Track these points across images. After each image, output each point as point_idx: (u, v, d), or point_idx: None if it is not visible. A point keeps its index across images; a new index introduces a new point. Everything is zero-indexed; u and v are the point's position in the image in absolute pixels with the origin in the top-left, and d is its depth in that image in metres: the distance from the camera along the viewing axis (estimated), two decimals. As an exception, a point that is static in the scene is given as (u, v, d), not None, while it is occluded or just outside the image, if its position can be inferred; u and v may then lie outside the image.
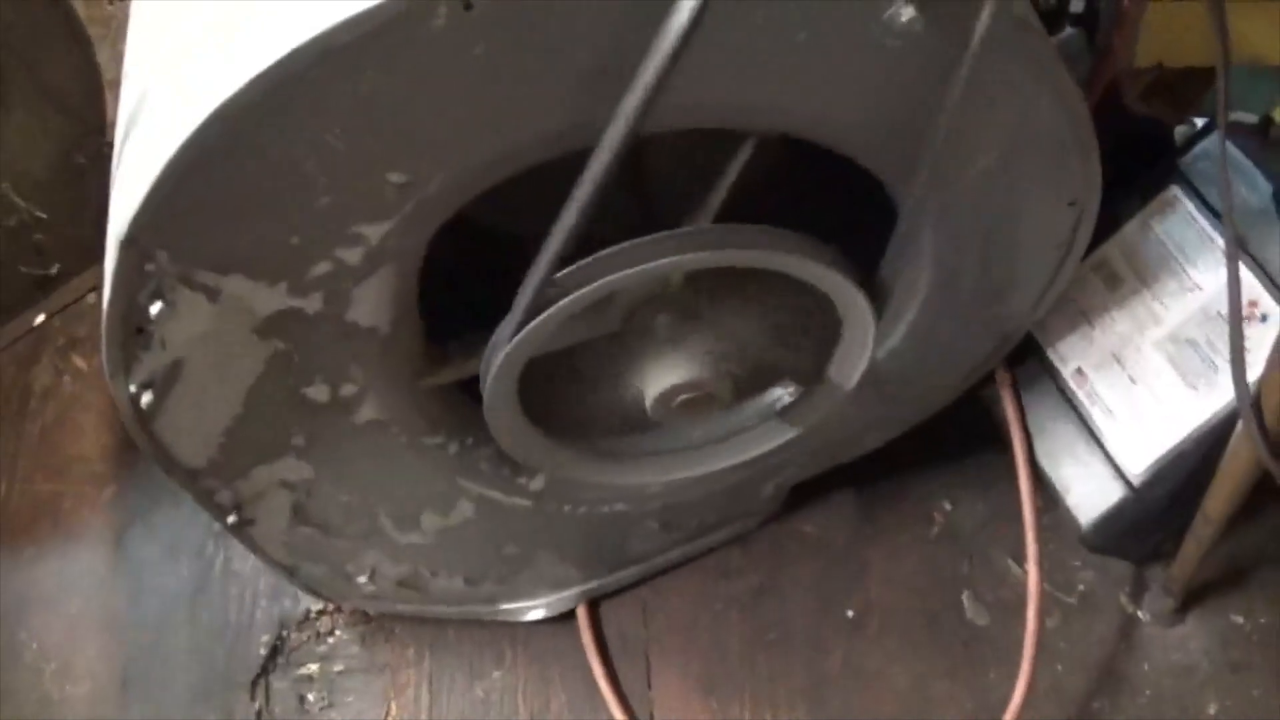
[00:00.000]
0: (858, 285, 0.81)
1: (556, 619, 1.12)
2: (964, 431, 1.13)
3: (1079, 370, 1.01)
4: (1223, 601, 1.09)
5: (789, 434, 0.96)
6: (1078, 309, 1.01)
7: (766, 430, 0.96)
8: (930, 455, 1.15)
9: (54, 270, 1.31)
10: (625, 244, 0.74)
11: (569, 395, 0.90)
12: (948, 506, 1.15)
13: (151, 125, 0.67)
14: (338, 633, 1.16)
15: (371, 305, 0.79)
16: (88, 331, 1.31)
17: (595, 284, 0.74)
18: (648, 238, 0.74)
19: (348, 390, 0.85)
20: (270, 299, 0.76)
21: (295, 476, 0.92)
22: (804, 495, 1.15)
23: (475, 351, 0.86)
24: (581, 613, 1.12)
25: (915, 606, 1.11)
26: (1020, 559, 1.11)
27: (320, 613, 1.16)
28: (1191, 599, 1.08)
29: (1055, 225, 0.89)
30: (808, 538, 1.15)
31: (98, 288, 1.30)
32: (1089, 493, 1.00)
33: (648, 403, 0.86)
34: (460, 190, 0.73)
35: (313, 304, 0.77)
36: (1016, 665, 1.04)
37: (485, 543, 1.04)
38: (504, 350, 0.78)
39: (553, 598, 1.12)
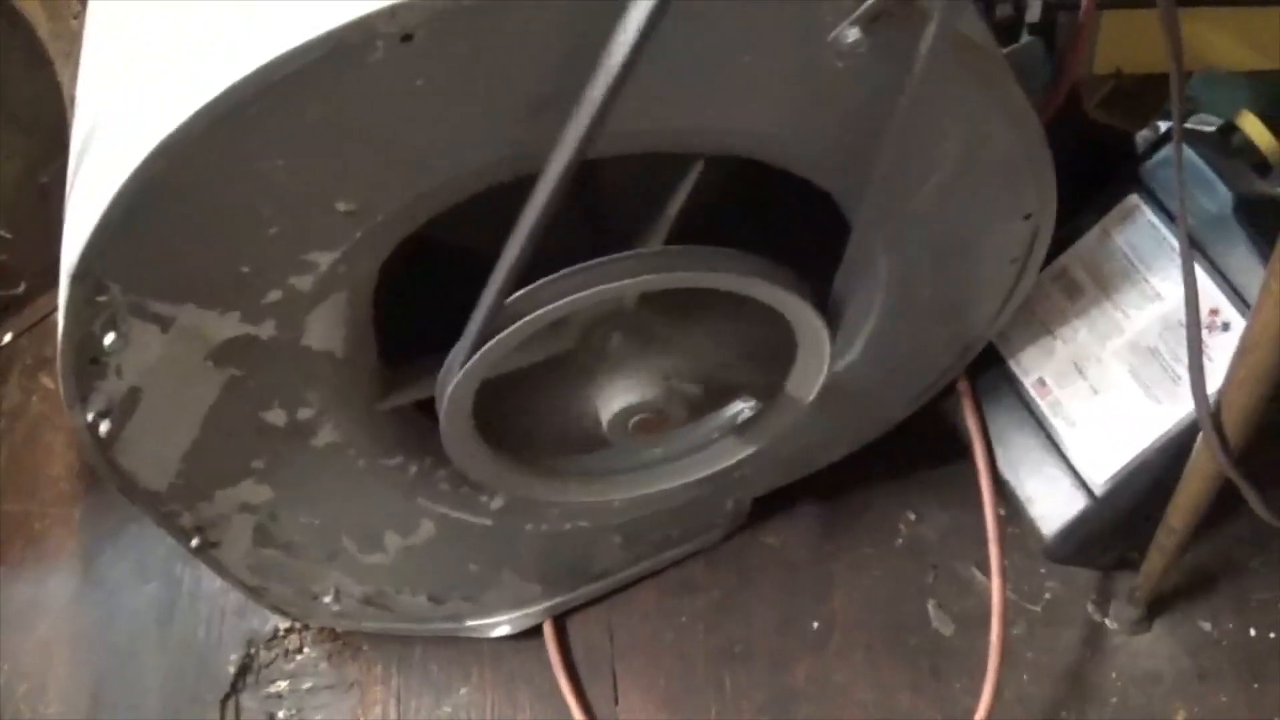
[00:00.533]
0: (812, 305, 0.81)
1: (523, 635, 1.12)
2: (927, 442, 1.14)
3: (1040, 380, 1.02)
4: (1189, 609, 1.09)
5: (747, 450, 0.96)
6: (1039, 319, 1.02)
7: (725, 446, 0.96)
8: (894, 466, 1.16)
9: (20, 289, 1.31)
10: (579, 266, 0.75)
11: (524, 416, 0.90)
12: (912, 517, 1.15)
13: (100, 157, 0.68)
14: (306, 650, 1.16)
15: (326, 330, 0.79)
16: (55, 352, 1.31)
17: (548, 307, 0.75)
18: (601, 260, 0.75)
19: (305, 414, 0.86)
20: (223, 327, 0.76)
21: (257, 499, 0.92)
22: (767, 508, 1.15)
23: (431, 373, 0.86)
24: (548, 629, 1.12)
25: (880, 618, 1.11)
26: (985, 569, 1.11)
27: (288, 630, 1.17)
28: (1158, 606, 1.09)
29: (1011, 240, 0.89)
30: (771, 550, 1.15)
31: (65, 308, 1.30)
32: (1052, 503, 1.01)
33: (603, 423, 0.86)
34: (409, 216, 0.73)
35: (266, 330, 0.77)
36: (982, 676, 1.04)
37: (449, 561, 1.05)
38: (457, 374, 0.78)
39: (518, 614, 1.12)
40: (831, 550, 1.14)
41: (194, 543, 0.93)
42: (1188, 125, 1.04)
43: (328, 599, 1.05)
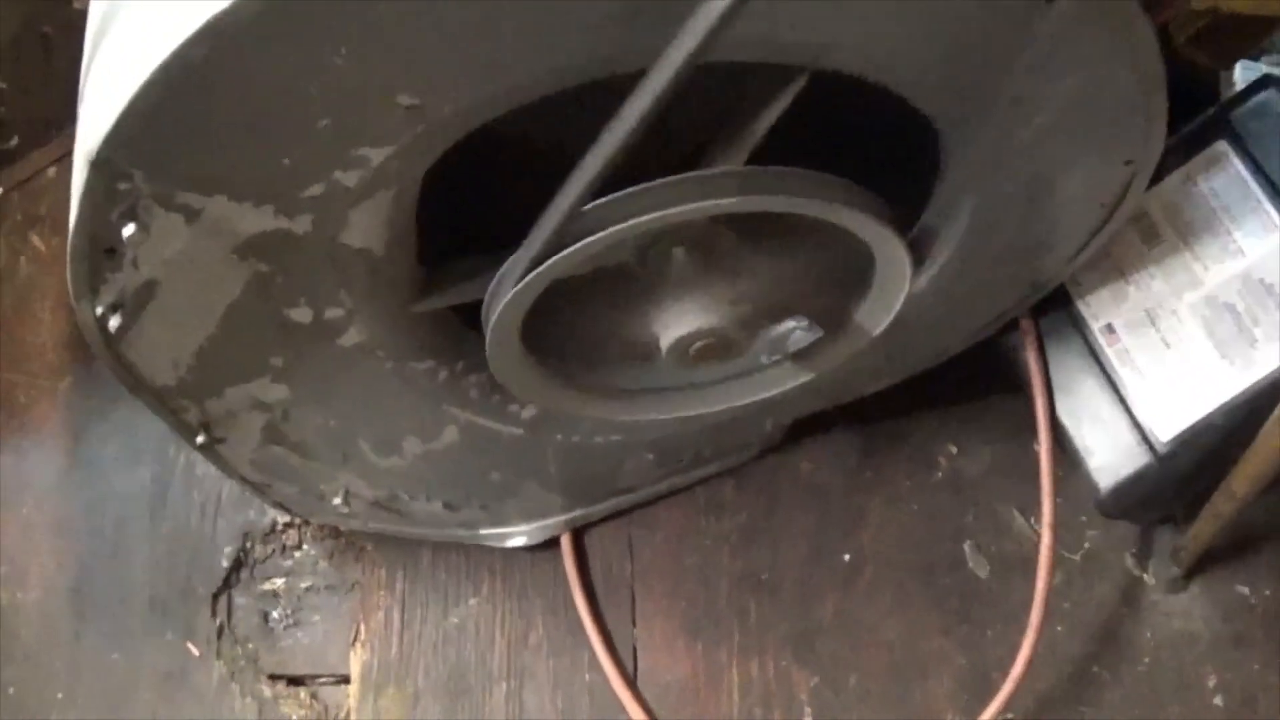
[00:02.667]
0: (901, 239, 0.74)
1: (538, 548, 1.07)
2: (974, 375, 1.07)
3: (1109, 327, 0.95)
4: (1229, 572, 1.04)
5: (804, 377, 0.90)
6: (1112, 262, 0.95)
7: (781, 372, 0.90)
8: (937, 395, 1.09)
9: (13, 143, 1.21)
10: (666, 180, 0.67)
11: (571, 329, 0.83)
12: (953, 451, 1.09)
13: (129, 30, 0.59)
14: (305, 547, 1.11)
15: (367, 227, 0.72)
16: (47, 209, 1.22)
17: (631, 221, 0.67)
18: (691, 175, 0.67)
19: (333, 313, 0.78)
20: (255, 220, 0.68)
21: (271, 398, 0.86)
22: (803, 430, 1.09)
23: (472, 276, 0.80)
24: (565, 543, 1.07)
25: (913, 556, 1.06)
26: (1027, 511, 1.06)
27: (287, 525, 1.11)
28: (1197, 566, 1.04)
29: (1106, 183, 0.82)
30: (804, 476, 1.09)
31: (60, 161, 1.21)
32: (1111, 455, 0.95)
33: (662, 345, 0.79)
34: (477, 113, 0.65)
35: (301, 225, 0.70)
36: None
37: (470, 469, 0.99)
38: (515, 286, 0.71)
39: (536, 525, 1.06)
40: (867, 480, 1.09)
41: (199, 439, 0.87)
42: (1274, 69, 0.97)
43: (336, 500, 0.99)
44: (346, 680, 1.07)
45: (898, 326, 0.89)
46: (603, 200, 0.66)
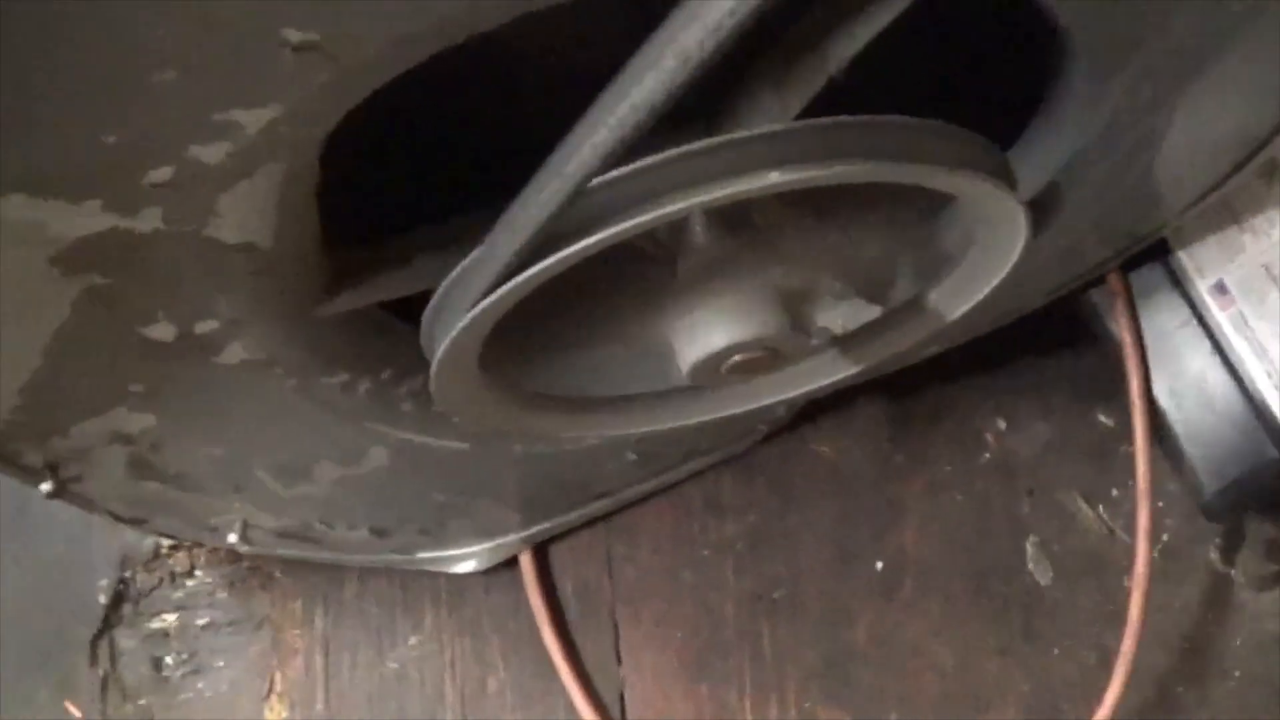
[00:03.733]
0: (1024, 206, 0.52)
1: (493, 569, 0.85)
2: (1022, 331, 0.86)
3: (1220, 286, 0.74)
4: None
5: (851, 370, 0.68)
6: (1223, 203, 0.74)
7: (822, 362, 0.68)
8: (980, 360, 0.88)
9: None
10: (713, 141, 0.44)
11: (547, 334, 0.61)
12: (1002, 426, 0.89)
13: None
14: (198, 574, 0.88)
15: (245, 216, 0.50)
16: None
17: (666, 208, 0.44)
18: (753, 135, 0.44)
19: (206, 327, 0.56)
20: (76, 221, 0.46)
21: (134, 428, 0.64)
22: (819, 406, 0.88)
23: (402, 263, 0.59)
24: (526, 562, 0.85)
25: (961, 559, 0.86)
26: (1093, 499, 0.87)
27: (174, 548, 0.88)
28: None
29: (1258, 118, 0.61)
30: (823, 462, 0.88)
31: None
32: (1223, 447, 0.75)
33: (682, 362, 0.57)
34: (404, 52, 0.42)
35: (147, 222, 0.47)
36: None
37: (404, 492, 0.77)
38: (478, 300, 0.48)
39: (489, 545, 0.85)
40: (899, 466, 0.88)
41: (46, 486, 0.65)
42: None
43: (232, 536, 0.77)
44: (264, 741, 0.86)
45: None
46: (620, 174, 0.44)
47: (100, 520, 0.84)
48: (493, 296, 0.48)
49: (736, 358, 0.56)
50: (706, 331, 0.55)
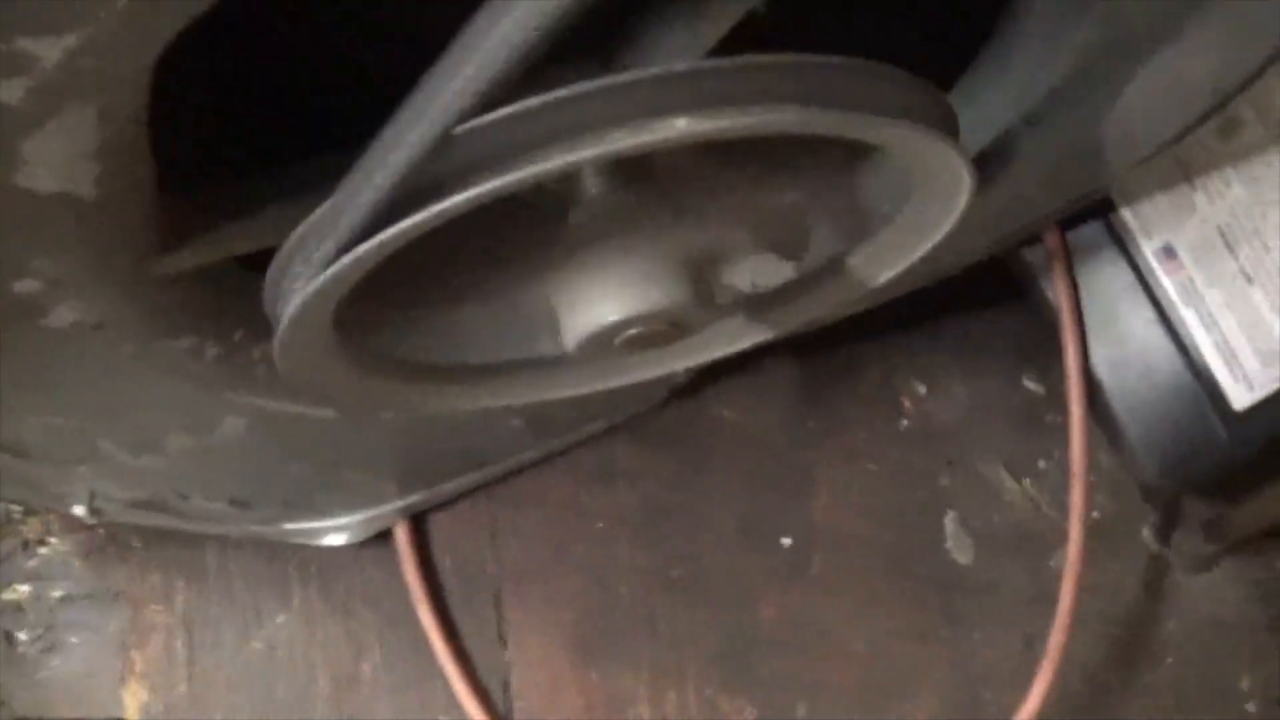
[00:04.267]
0: (969, 161, 0.45)
1: (367, 543, 0.77)
2: (943, 283, 0.79)
3: (1168, 249, 0.68)
4: (1263, 544, 0.81)
5: (761, 337, 0.61)
6: (1175, 161, 0.67)
7: (729, 328, 0.60)
8: (898, 318, 0.81)
9: None
10: (591, 85, 0.36)
11: (414, 296, 0.53)
12: (921, 391, 0.82)
13: None
14: (52, 541, 0.79)
15: (57, 163, 0.41)
16: None
17: (552, 160, 0.36)
18: (659, 73, 0.36)
19: (26, 287, 0.48)
20: None
21: (-53, 397, 0.54)
22: (724, 365, 0.80)
23: (254, 210, 0.50)
24: (401, 536, 0.77)
25: (877, 535, 0.80)
26: (1017, 469, 0.81)
27: (26, 512, 0.79)
28: (1227, 536, 0.81)
29: (1234, 70, 0.54)
30: (727, 427, 0.81)
31: None
32: (1167, 424, 0.70)
33: (568, 336, 0.49)
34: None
35: None
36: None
37: (264, 462, 0.68)
38: (327, 264, 0.40)
39: (360, 516, 0.76)
40: (811, 431, 0.81)
41: None
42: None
43: (79, 508, 0.68)
44: (122, 725, 0.77)
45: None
46: (494, 118, 0.35)
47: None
48: (344, 260, 0.40)
49: (631, 331, 0.48)
50: (597, 302, 0.47)
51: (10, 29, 0.33)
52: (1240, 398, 0.67)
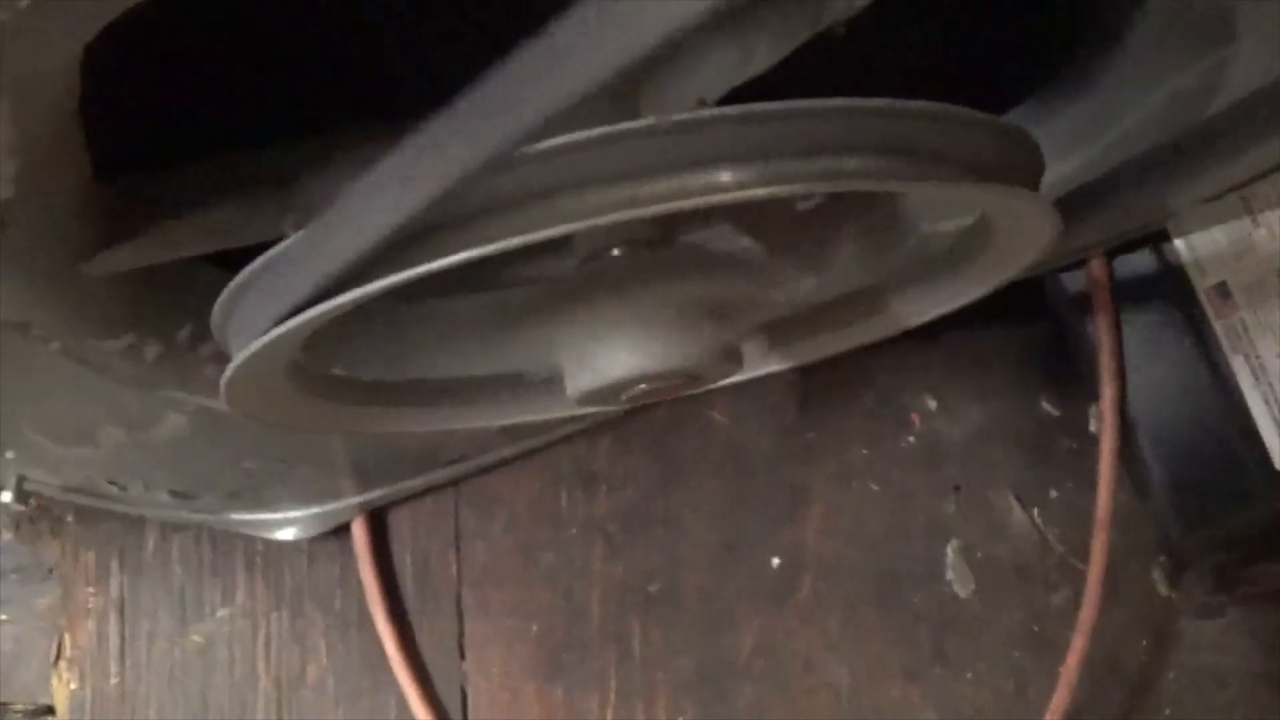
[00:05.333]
0: (1050, 210, 0.38)
1: (320, 535, 0.71)
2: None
3: (1222, 289, 0.62)
4: (1274, 594, 0.76)
5: (778, 366, 0.55)
6: (1237, 194, 0.61)
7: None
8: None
9: None
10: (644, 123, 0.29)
11: (391, 326, 0.46)
12: (931, 406, 0.76)
13: None
14: (-23, 512, 0.72)
15: None
16: None
17: (604, 213, 0.30)
18: (742, 110, 0.30)
19: None
20: None
21: None
22: (718, 364, 0.74)
23: (192, 212, 0.45)
24: (358, 531, 0.71)
25: (871, 560, 0.74)
26: (1027, 499, 0.75)
27: (-52, 478, 0.72)
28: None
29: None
30: (717, 432, 0.75)
31: None
32: (1199, 478, 0.64)
33: (572, 389, 0.42)
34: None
35: None
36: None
37: (208, 458, 0.62)
38: (311, 305, 0.33)
39: (314, 510, 0.70)
40: (808, 444, 0.75)
41: None
42: None
43: (4, 495, 0.61)
44: (50, 712, 0.72)
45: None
46: (550, 144, 0.29)
47: None
48: (333, 302, 0.33)
49: (643, 387, 0.41)
50: (609, 356, 0.40)
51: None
52: (1284, 458, 0.62)
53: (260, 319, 0.35)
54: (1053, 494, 0.75)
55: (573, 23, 0.25)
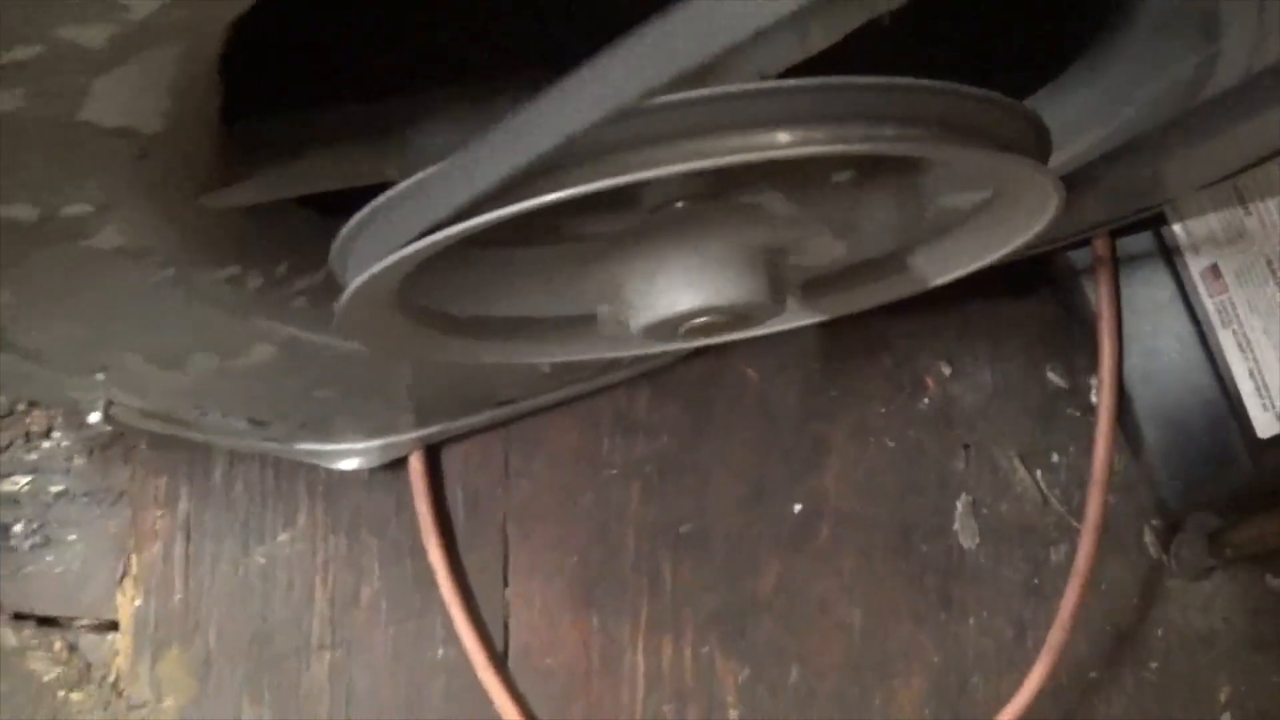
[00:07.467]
0: (1056, 183, 0.44)
1: (378, 468, 0.77)
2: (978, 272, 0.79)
3: (1214, 269, 0.68)
4: (1260, 559, 0.82)
5: (811, 319, 0.61)
6: (1231, 183, 0.67)
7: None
8: (929, 292, 0.81)
9: None
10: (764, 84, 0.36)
11: (475, 273, 0.52)
12: (945, 371, 0.82)
13: None
14: (56, 435, 0.79)
15: (125, 100, 0.40)
16: None
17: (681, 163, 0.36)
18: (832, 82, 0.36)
19: (76, 210, 0.47)
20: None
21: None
22: (750, 324, 0.80)
23: (310, 155, 0.50)
24: (415, 465, 0.77)
25: (885, 511, 0.80)
26: (1031, 461, 0.81)
27: (33, 404, 0.78)
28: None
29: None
30: (748, 386, 0.81)
31: None
32: (1189, 443, 0.70)
33: (635, 323, 0.48)
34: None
35: (9, 100, 0.36)
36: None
37: (287, 387, 0.68)
38: (435, 230, 0.39)
39: (377, 443, 0.76)
40: (831, 401, 0.81)
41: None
42: None
43: (94, 415, 0.67)
44: (114, 627, 0.77)
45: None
46: (684, 96, 0.35)
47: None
48: (455, 229, 0.39)
49: (700, 319, 0.47)
50: (672, 292, 0.46)
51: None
52: (1267, 426, 0.68)
53: (380, 247, 0.41)
54: (1055, 458, 0.81)
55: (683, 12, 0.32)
